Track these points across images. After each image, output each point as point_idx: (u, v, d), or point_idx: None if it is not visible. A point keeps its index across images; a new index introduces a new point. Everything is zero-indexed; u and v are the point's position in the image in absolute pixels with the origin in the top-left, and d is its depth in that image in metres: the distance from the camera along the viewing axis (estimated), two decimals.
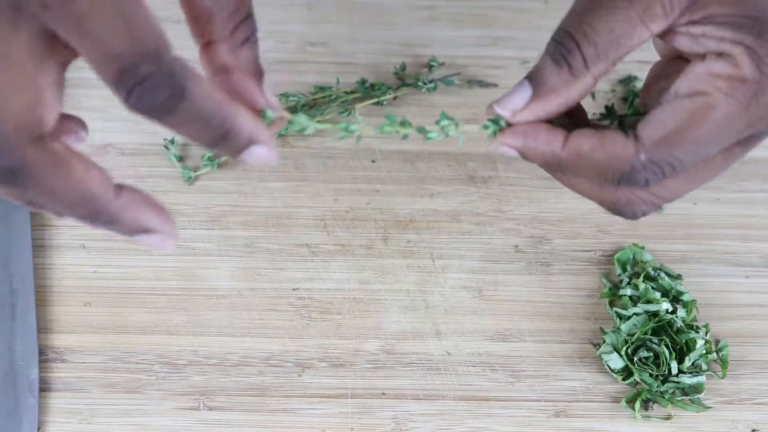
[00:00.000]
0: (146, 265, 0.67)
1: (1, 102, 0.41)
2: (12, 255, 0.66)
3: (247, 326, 0.65)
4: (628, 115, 0.52)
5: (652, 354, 0.63)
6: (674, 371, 0.63)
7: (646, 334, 0.64)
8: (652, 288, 0.66)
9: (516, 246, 0.69)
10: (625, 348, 0.63)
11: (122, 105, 0.42)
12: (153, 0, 0.44)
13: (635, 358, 0.63)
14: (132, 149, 0.71)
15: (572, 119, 0.51)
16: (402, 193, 0.70)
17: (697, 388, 0.64)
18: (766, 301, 0.68)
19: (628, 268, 0.67)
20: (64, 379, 0.63)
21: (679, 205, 0.70)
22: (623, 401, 0.63)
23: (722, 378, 0.65)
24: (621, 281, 0.67)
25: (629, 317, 0.64)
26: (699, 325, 0.65)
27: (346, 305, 0.66)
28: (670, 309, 0.65)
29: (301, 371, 0.64)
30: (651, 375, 0.63)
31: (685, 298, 0.66)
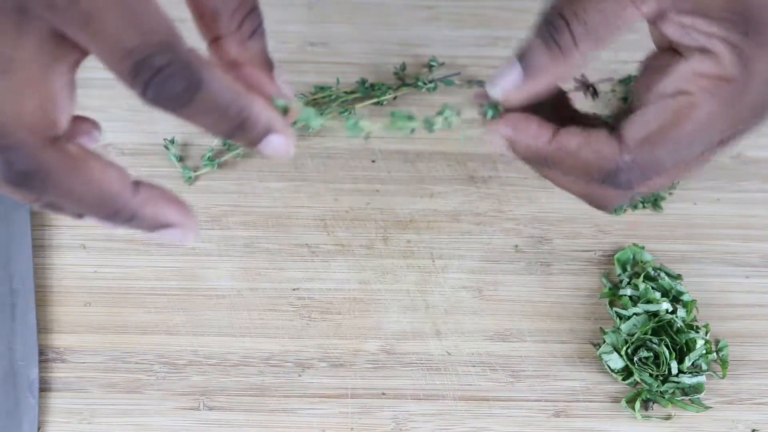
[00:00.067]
0: (146, 265, 0.67)
1: (13, 106, 0.41)
2: (12, 255, 0.66)
3: (247, 326, 0.65)
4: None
5: (652, 354, 0.63)
6: (674, 371, 0.63)
7: (646, 334, 0.64)
8: (652, 288, 0.66)
9: (516, 246, 0.69)
10: (625, 348, 0.63)
11: (140, 100, 0.41)
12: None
13: (635, 358, 0.63)
14: (132, 149, 0.71)
15: (560, 111, 0.51)
16: (402, 193, 0.70)
17: (697, 388, 0.64)
18: (766, 301, 0.68)
19: (628, 268, 0.67)
20: (64, 379, 0.63)
21: (679, 205, 0.70)
22: (623, 401, 0.63)
23: (722, 378, 0.65)
24: (621, 281, 0.67)
25: (629, 317, 0.64)
26: (699, 325, 0.65)
27: (346, 305, 0.66)
28: (670, 309, 0.65)
29: (301, 371, 0.64)
30: (651, 375, 0.63)
31: (685, 298, 0.66)
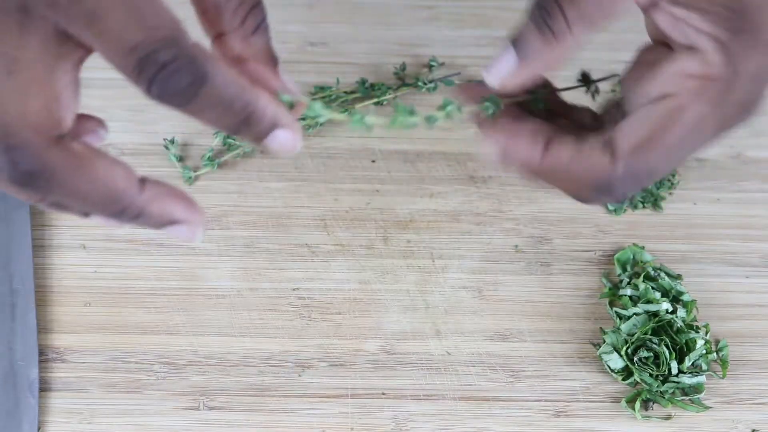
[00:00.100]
0: (146, 265, 0.67)
1: (18, 106, 0.41)
2: (12, 255, 0.66)
3: (247, 326, 0.65)
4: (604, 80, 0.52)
5: (652, 354, 0.63)
6: (674, 371, 0.63)
7: (646, 334, 0.64)
8: (652, 288, 0.66)
9: (516, 246, 0.69)
10: (625, 348, 0.63)
11: (146, 96, 0.41)
12: None
13: (635, 358, 0.63)
14: (132, 149, 0.71)
15: (553, 105, 0.51)
16: (402, 193, 0.70)
17: (697, 388, 0.63)
18: (766, 301, 0.68)
19: (628, 268, 0.67)
20: (64, 379, 0.63)
21: (679, 205, 0.70)
22: (623, 401, 0.63)
23: (722, 378, 0.65)
24: (621, 281, 0.67)
25: (629, 317, 0.64)
26: (699, 325, 0.65)
27: (346, 305, 0.66)
28: (670, 309, 0.65)
29: (301, 371, 0.64)
30: (651, 375, 0.63)
31: (685, 298, 0.66)
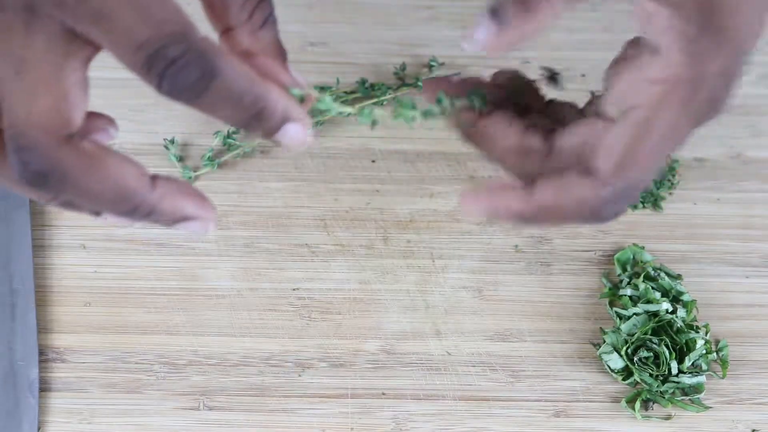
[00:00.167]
0: (146, 265, 0.67)
1: (26, 106, 0.41)
2: (12, 255, 0.66)
3: (247, 326, 0.65)
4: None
5: (652, 354, 0.63)
6: (674, 371, 0.63)
7: (646, 334, 0.64)
8: (652, 288, 0.66)
9: (516, 246, 0.69)
10: (625, 348, 0.63)
11: (157, 93, 0.41)
12: None
13: (635, 358, 0.63)
14: (132, 149, 0.71)
15: (532, 100, 0.51)
16: (402, 193, 0.70)
17: (697, 388, 0.63)
18: (766, 301, 0.67)
19: (628, 268, 0.67)
20: (64, 379, 0.63)
21: (679, 205, 0.70)
22: (623, 401, 0.63)
23: (722, 378, 0.65)
24: (621, 281, 0.67)
25: (629, 317, 0.64)
26: (699, 325, 0.65)
27: (346, 305, 0.66)
28: (670, 309, 0.65)
29: (301, 371, 0.64)
30: (651, 375, 0.63)
31: (685, 298, 0.66)
